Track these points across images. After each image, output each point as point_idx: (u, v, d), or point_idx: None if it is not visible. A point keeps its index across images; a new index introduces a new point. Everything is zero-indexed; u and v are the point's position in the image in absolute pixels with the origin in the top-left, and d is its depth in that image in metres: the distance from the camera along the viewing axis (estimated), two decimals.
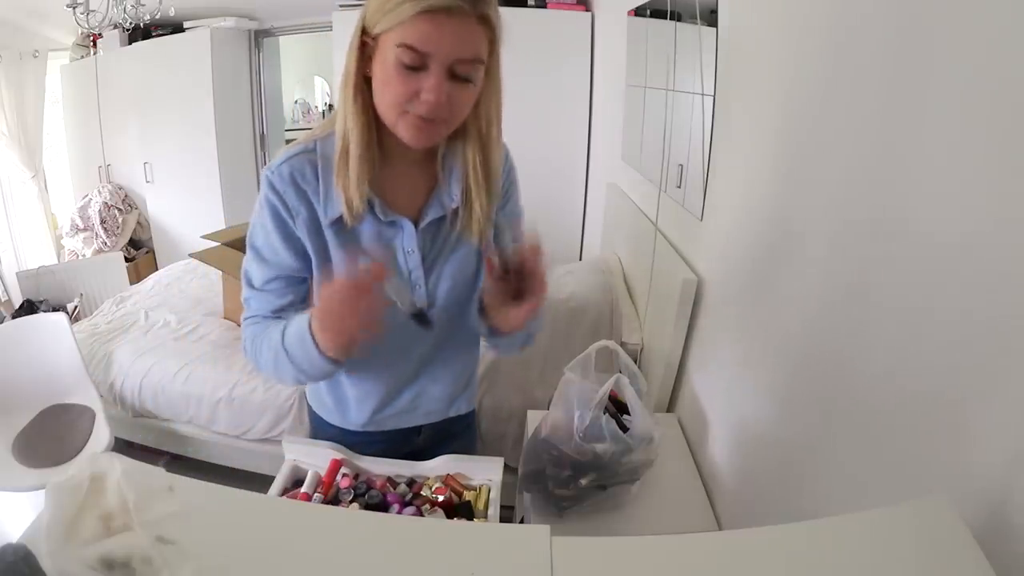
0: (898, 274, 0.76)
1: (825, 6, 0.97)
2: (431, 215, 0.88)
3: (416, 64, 0.73)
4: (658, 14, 1.88)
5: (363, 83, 0.79)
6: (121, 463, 0.56)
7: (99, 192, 4.02)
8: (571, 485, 1.21)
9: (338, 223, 0.84)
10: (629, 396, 1.26)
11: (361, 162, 0.81)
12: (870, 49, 0.84)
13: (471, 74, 0.76)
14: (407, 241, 0.88)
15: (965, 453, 0.64)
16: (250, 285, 0.89)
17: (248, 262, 0.89)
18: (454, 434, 1.11)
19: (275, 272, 0.88)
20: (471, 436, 1.18)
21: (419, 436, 1.06)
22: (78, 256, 3.86)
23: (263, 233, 0.86)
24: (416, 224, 0.88)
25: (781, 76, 1.12)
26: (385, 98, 0.77)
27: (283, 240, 0.85)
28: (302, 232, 0.85)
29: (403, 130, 0.78)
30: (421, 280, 0.90)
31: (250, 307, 0.91)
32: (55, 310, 2.60)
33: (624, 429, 1.20)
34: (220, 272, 2.35)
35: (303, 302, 0.91)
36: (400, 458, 1.01)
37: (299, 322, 0.81)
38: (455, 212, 0.89)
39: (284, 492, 0.96)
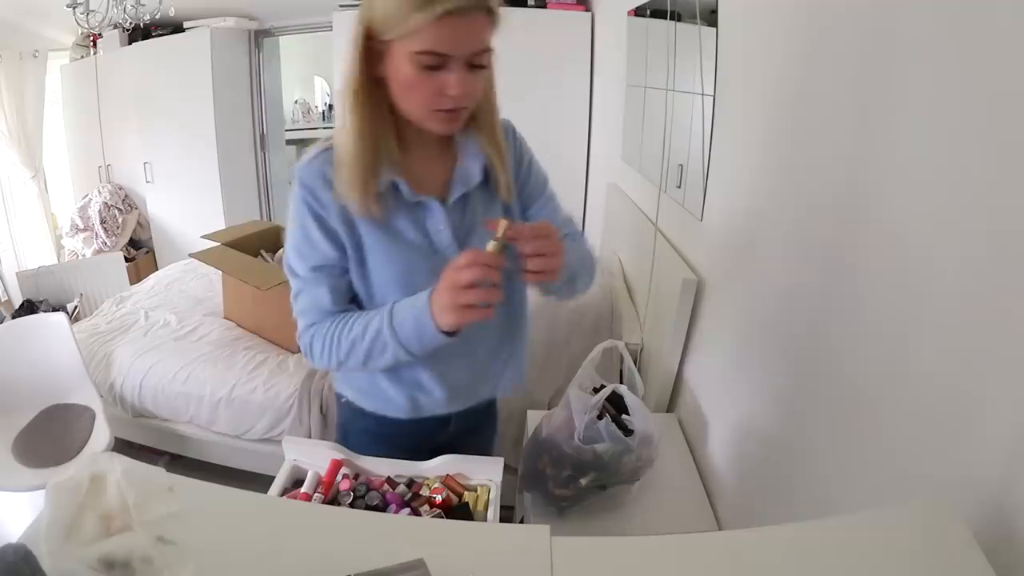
0: (899, 274, 0.76)
1: (826, 6, 0.97)
2: (456, 192, 0.91)
3: (436, 64, 0.77)
4: (658, 14, 1.88)
5: (370, 86, 0.82)
6: (121, 463, 0.56)
7: (99, 192, 4.02)
8: (571, 485, 1.21)
9: (368, 211, 0.87)
10: (629, 396, 1.26)
11: (352, 171, 0.84)
12: (871, 49, 0.84)
13: (484, 60, 0.81)
14: (436, 220, 0.91)
15: (965, 453, 0.64)
16: (295, 275, 0.91)
17: (290, 258, 0.92)
18: (478, 428, 1.14)
19: (319, 261, 0.89)
20: (492, 430, 1.23)
21: (447, 428, 1.07)
22: (78, 256, 3.86)
23: (301, 229, 0.89)
24: (443, 203, 0.91)
25: (781, 76, 1.12)
26: (410, 102, 0.82)
27: (322, 233, 0.88)
28: (337, 225, 0.88)
29: (434, 125, 0.83)
30: (457, 256, 0.91)
31: (301, 303, 0.92)
32: (55, 310, 2.60)
33: (624, 429, 1.20)
34: (220, 272, 2.35)
35: (353, 299, 0.94)
36: (428, 451, 1.02)
37: (409, 308, 0.85)
38: (479, 186, 0.93)
39: (284, 492, 0.96)
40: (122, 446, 2.10)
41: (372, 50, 0.80)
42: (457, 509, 0.92)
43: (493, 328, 1.01)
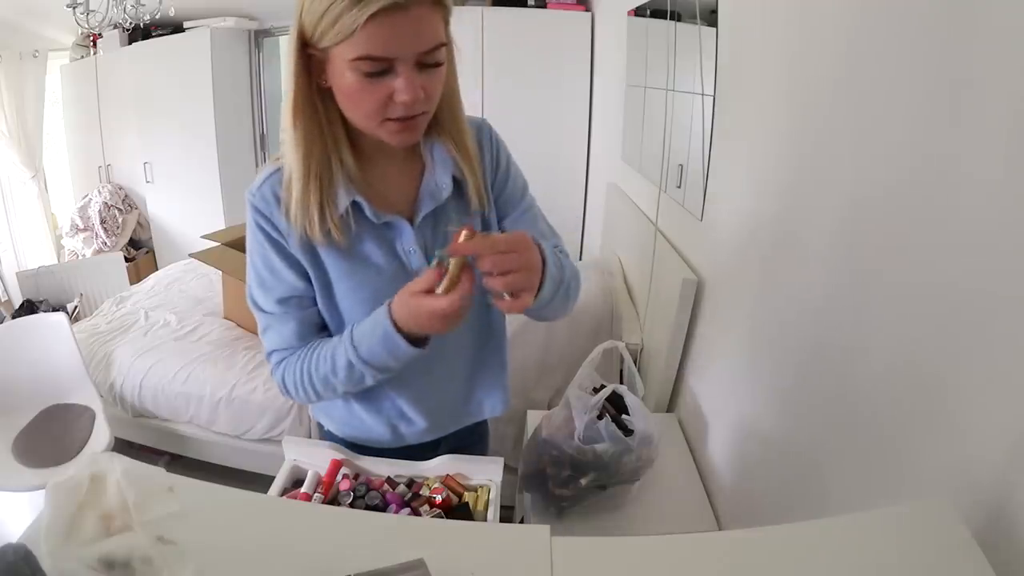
0: (898, 275, 0.76)
1: (826, 5, 0.97)
2: (425, 209, 0.83)
3: (381, 70, 0.68)
4: (658, 14, 1.88)
5: (315, 97, 0.74)
6: (121, 463, 0.56)
7: (99, 192, 4.02)
8: (571, 485, 1.21)
9: (329, 237, 0.79)
10: (629, 396, 1.26)
11: (302, 194, 0.76)
12: (870, 47, 0.83)
13: (438, 57, 0.71)
14: (406, 241, 0.84)
15: (965, 453, 0.64)
16: (261, 310, 0.86)
17: (253, 292, 0.86)
18: (468, 447, 1.07)
19: (285, 292, 0.84)
20: (483, 448, 1.16)
21: (436, 451, 1.02)
22: (78, 256, 3.86)
23: (261, 259, 0.83)
24: (412, 221, 0.83)
25: (781, 76, 1.12)
26: (357, 112, 0.73)
27: (283, 261, 0.82)
28: (297, 251, 0.81)
29: (386, 136, 0.75)
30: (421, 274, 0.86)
31: (271, 340, 0.87)
32: (55, 310, 2.60)
33: (624, 429, 1.20)
34: (220, 272, 2.35)
35: (324, 328, 0.88)
36: None
37: (372, 335, 0.79)
38: (452, 196, 0.84)
39: (284, 492, 0.96)
40: (122, 446, 2.10)
41: (313, 58, 0.71)
42: (457, 509, 0.92)
43: (470, 352, 0.96)
